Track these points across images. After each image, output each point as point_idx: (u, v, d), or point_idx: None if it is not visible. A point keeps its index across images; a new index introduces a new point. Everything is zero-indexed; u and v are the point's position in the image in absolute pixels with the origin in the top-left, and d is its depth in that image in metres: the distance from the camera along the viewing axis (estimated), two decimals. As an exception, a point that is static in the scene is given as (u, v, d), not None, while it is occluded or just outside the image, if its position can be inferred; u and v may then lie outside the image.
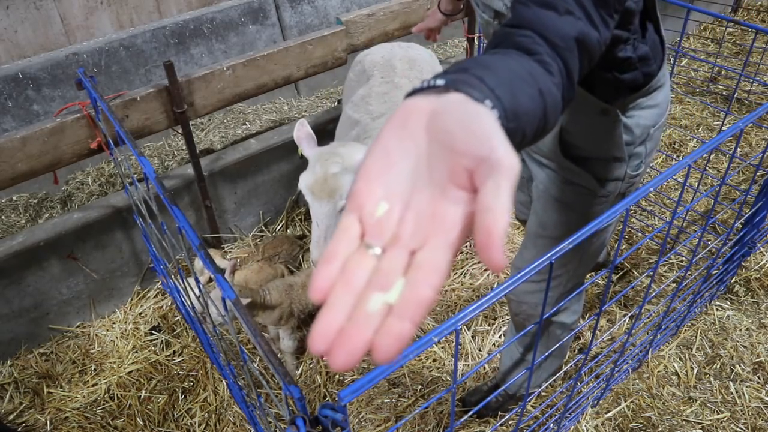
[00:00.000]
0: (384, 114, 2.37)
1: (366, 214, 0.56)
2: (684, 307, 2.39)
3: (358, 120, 2.39)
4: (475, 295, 2.78)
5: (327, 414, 0.90)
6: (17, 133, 2.16)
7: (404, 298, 0.52)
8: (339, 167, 1.84)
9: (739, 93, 4.04)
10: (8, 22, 3.49)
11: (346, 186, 1.83)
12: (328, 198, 1.86)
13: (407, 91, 0.64)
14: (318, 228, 1.89)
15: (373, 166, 0.58)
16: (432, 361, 2.46)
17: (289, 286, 2.34)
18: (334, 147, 1.96)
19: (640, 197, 1.30)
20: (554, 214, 1.69)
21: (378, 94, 2.44)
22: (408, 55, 2.60)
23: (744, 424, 2.20)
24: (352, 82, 2.70)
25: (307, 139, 2.04)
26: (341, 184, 1.84)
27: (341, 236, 0.56)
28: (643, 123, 1.48)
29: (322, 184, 1.86)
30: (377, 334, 0.51)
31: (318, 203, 1.88)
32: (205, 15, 3.83)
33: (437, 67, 2.73)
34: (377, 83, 2.49)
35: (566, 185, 1.62)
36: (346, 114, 2.51)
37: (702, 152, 1.50)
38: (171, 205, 1.41)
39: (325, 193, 1.86)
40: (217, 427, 2.28)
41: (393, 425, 2.22)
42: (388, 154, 0.59)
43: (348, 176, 1.85)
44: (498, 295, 1.08)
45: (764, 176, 2.47)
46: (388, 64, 2.55)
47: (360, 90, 2.53)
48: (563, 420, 2.03)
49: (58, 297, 2.58)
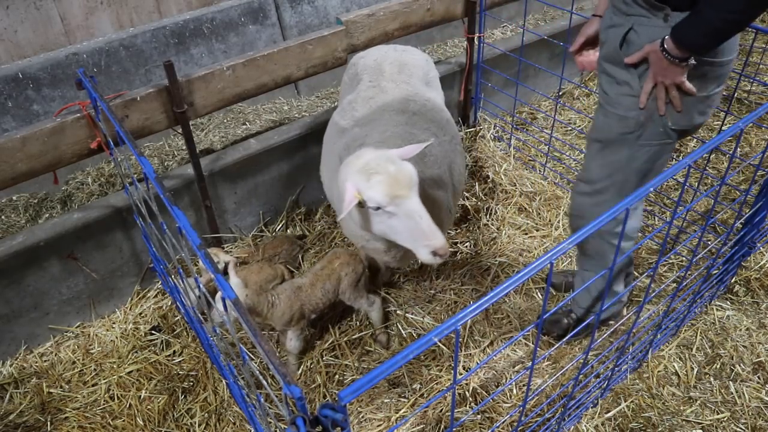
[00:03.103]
0: (372, 120, 2.28)
1: None
2: (684, 307, 2.39)
3: (345, 128, 2.34)
4: (475, 295, 2.78)
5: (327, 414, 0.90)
6: (17, 133, 2.16)
7: None
8: (395, 162, 1.79)
9: (739, 93, 4.05)
10: (8, 22, 3.49)
11: (415, 173, 1.78)
12: (411, 190, 1.78)
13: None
14: (426, 220, 1.77)
15: None
16: (432, 359, 2.46)
17: (297, 288, 2.34)
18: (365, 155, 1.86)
19: (639, 197, 1.30)
20: (599, 116, 2.05)
21: (364, 99, 2.40)
22: (400, 59, 2.58)
23: (744, 424, 2.20)
24: (346, 85, 2.69)
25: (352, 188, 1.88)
26: (413, 172, 1.78)
27: None
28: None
29: (397, 183, 1.76)
30: None
31: (407, 200, 1.77)
32: (205, 15, 3.84)
33: (431, 71, 2.71)
34: (364, 87, 2.46)
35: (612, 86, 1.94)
36: (333, 119, 2.47)
37: (702, 152, 1.50)
38: (171, 205, 1.41)
39: (406, 188, 1.76)
40: (217, 427, 2.28)
41: (393, 425, 2.23)
42: None
43: (406, 164, 1.79)
44: (498, 295, 1.08)
45: (764, 176, 2.47)
46: (378, 68, 2.53)
47: (349, 95, 2.51)
48: (563, 420, 2.03)
49: (58, 297, 2.58)
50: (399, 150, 1.86)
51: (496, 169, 3.36)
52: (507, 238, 3.02)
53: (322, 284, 2.37)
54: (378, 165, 1.79)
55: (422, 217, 1.77)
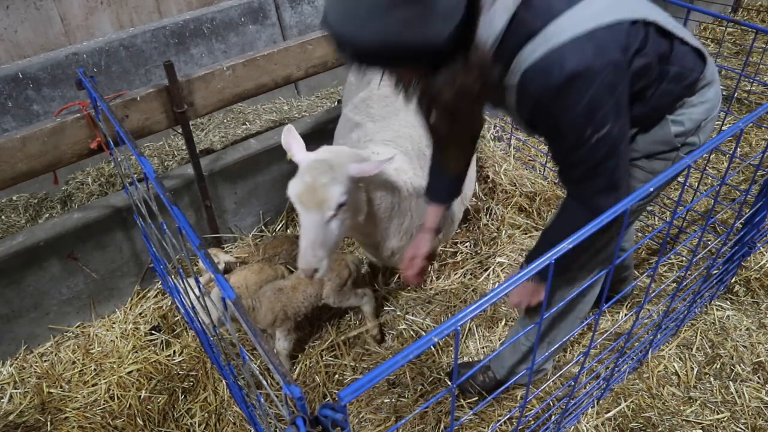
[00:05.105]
0: (386, 118, 2.36)
1: None
2: (684, 307, 2.39)
3: (359, 122, 2.38)
4: (475, 295, 2.78)
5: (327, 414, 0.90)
6: (17, 133, 2.16)
7: None
8: (328, 177, 1.79)
9: (739, 93, 4.05)
10: (8, 22, 3.49)
11: (335, 197, 1.80)
12: (316, 208, 1.81)
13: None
14: (305, 238, 1.83)
15: None
16: (432, 362, 2.46)
17: (278, 290, 2.34)
18: (323, 153, 1.90)
19: (639, 197, 1.30)
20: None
21: (379, 98, 2.43)
22: None
23: (744, 424, 2.20)
24: (352, 86, 2.70)
25: (296, 144, 1.96)
26: (330, 196, 1.79)
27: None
28: (694, 117, 1.60)
29: (311, 194, 1.80)
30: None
31: (306, 213, 1.83)
32: (205, 15, 3.83)
33: None
34: (378, 86, 2.48)
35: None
36: (346, 116, 2.51)
37: (702, 152, 1.50)
38: (171, 205, 1.41)
39: (313, 204, 1.81)
40: (217, 427, 2.28)
41: (393, 425, 2.22)
42: None
43: (337, 186, 1.79)
44: (498, 295, 1.08)
45: (764, 176, 2.47)
46: None
47: (361, 93, 2.53)
48: (563, 420, 2.03)
49: (58, 297, 2.58)
50: (359, 165, 1.84)
51: (496, 169, 3.36)
52: (507, 238, 3.02)
53: (303, 288, 2.36)
54: (311, 167, 1.81)
55: (305, 235, 1.84)
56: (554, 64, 1.28)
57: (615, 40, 1.33)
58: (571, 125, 1.35)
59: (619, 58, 1.34)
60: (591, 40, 1.29)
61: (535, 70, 1.31)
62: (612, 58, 1.32)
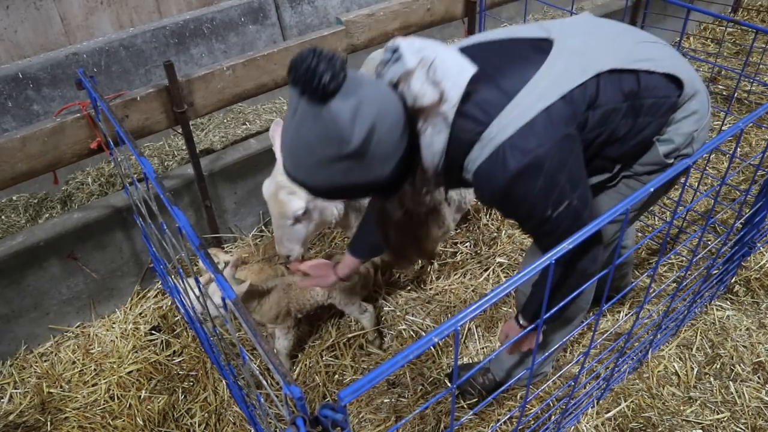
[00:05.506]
0: None
1: None
2: (684, 307, 2.39)
3: None
4: (475, 295, 2.78)
5: (327, 414, 0.90)
6: (17, 133, 2.16)
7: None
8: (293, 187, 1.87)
9: (739, 93, 4.05)
10: (8, 22, 3.49)
11: (293, 210, 1.91)
12: (278, 215, 1.98)
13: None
14: (276, 233, 2.10)
15: None
16: (432, 362, 2.46)
17: (288, 285, 2.34)
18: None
19: (639, 197, 1.30)
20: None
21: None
22: None
23: (744, 424, 2.20)
24: None
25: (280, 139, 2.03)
26: (288, 209, 1.89)
27: None
28: (683, 131, 1.56)
29: (274, 201, 1.92)
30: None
31: (272, 215, 2.02)
32: (205, 15, 3.83)
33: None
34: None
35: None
36: None
37: (702, 152, 1.50)
38: (171, 205, 1.41)
39: (275, 210, 1.95)
40: (217, 427, 2.28)
41: (393, 425, 2.22)
42: None
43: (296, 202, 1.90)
44: (498, 295, 1.08)
45: (764, 176, 2.47)
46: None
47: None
48: (563, 420, 2.03)
49: (58, 297, 2.58)
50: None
51: (496, 169, 3.36)
52: (507, 238, 3.02)
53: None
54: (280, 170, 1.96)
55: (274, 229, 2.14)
56: (497, 166, 1.31)
57: (558, 117, 1.32)
58: (529, 212, 1.39)
59: (564, 132, 1.33)
60: (531, 131, 1.30)
61: (482, 173, 1.35)
62: (556, 137, 1.31)
